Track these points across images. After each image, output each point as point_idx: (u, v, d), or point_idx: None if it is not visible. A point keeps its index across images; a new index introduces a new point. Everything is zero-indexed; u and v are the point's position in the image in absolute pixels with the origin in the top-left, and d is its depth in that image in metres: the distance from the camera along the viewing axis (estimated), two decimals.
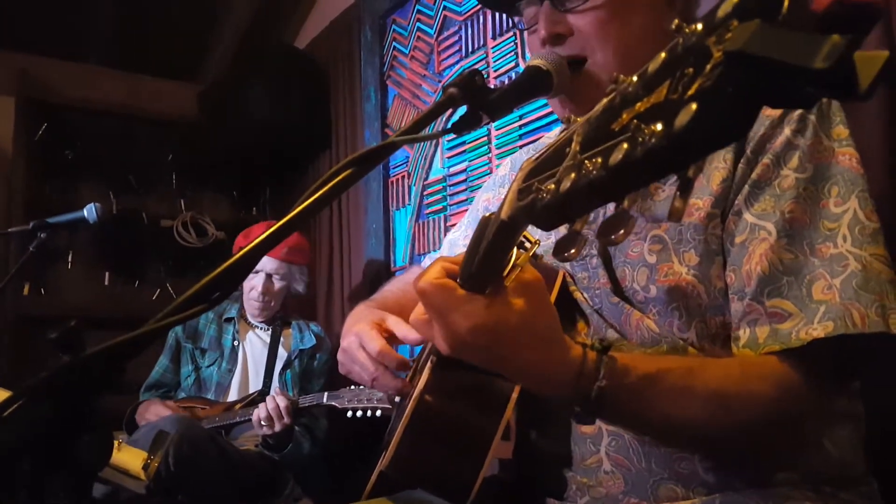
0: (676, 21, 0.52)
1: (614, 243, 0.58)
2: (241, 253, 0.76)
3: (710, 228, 1.08)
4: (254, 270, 3.21)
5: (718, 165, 1.09)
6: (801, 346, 0.97)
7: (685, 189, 0.51)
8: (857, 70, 0.41)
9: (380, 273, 3.60)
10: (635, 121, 0.51)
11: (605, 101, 0.59)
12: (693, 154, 0.49)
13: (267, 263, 3.29)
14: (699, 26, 0.49)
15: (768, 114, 1.08)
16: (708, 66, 0.46)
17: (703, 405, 0.96)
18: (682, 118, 0.46)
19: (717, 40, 0.47)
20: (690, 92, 0.47)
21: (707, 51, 0.47)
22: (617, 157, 0.52)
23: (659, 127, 0.48)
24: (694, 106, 0.46)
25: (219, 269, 0.73)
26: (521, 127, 2.81)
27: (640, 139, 0.49)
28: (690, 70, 0.48)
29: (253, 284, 3.31)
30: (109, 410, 2.13)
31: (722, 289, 1.08)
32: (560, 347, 0.90)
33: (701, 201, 1.09)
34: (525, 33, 1.31)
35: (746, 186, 1.06)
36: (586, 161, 0.56)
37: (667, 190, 1.14)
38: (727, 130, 0.48)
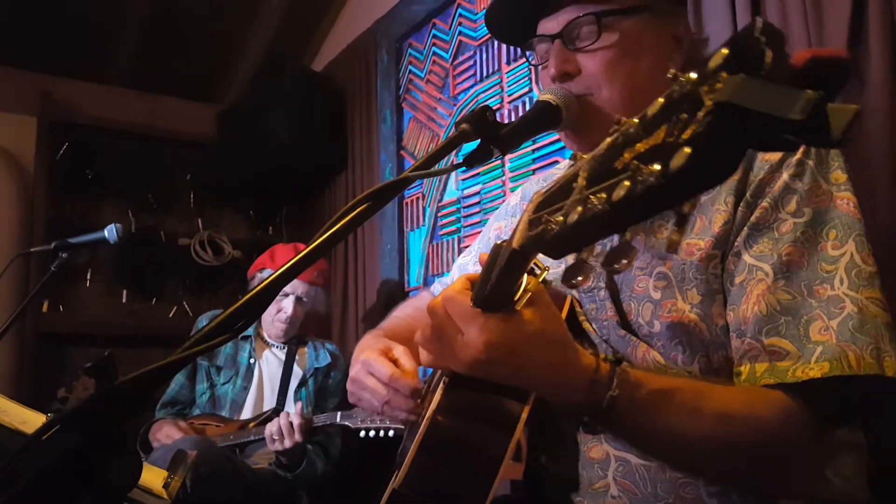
0: (672, 71, 0.56)
1: (618, 272, 0.63)
2: (266, 282, 0.79)
3: (710, 268, 1.11)
4: (283, 293, 3.26)
5: (720, 208, 1.12)
6: (798, 384, 1.00)
7: (681, 223, 0.57)
8: (829, 120, 0.47)
9: (394, 293, 3.63)
10: (635, 161, 0.56)
11: (608, 140, 0.63)
12: (687, 192, 0.54)
13: (298, 287, 3.30)
14: (693, 75, 0.54)
15: (767, 158, 1.10)
16: (700, 113, 0.51)
17: (710, 424, 0.99)
18: (678, 160, 0.51)
19: (708, 89, 0.51)
20: (685, 136, 0.51)
21: (699, 98, 0.51)
22: (619, 193, 0.56)
23: (657, 167, 0.53)
24: (688, 150, 0.50)
25: (244, 299, 0.77)
26: (534, 151, 2.86)
27: (640, 178, 0.54)
28: (684, 116, 0.52)
29: (282, 307, 3.31)
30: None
31: (724, 326, 1.11)
32: (572, 352, 0.94)
33: (703, 242, 1.11)
34: (539, 68, 1.33)
35: (746, 229, 1.09)
36: (591, 196, 0.60)
37: (670, 228, 1.16)
38: (717, 171, 0.52)
